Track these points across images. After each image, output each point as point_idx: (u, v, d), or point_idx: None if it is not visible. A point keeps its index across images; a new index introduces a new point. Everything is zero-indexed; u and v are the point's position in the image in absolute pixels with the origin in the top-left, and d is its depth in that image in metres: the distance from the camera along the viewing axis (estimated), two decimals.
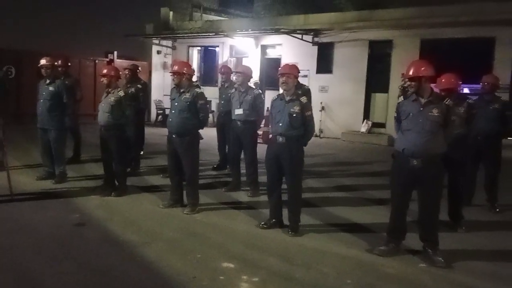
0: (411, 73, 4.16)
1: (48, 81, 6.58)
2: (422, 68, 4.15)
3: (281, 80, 4.85)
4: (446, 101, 4.21)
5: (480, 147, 5.90)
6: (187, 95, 5.47)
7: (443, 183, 4.52)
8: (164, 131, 5.71)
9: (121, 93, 6.05)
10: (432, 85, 4.37)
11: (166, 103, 16.40)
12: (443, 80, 5.16)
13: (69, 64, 8.41)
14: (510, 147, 6.78)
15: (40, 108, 6.55)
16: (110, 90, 6.06)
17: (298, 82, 7.00)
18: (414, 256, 4.38)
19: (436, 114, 4.12)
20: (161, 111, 16.05)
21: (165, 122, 5.89)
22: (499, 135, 6.04)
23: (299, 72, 6.96)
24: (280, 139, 4.84)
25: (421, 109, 4.16)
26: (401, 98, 4.51)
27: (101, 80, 6.10)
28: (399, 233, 4.42)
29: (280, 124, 4.83)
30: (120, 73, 6.52)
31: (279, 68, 4.99)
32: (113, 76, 6.07)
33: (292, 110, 4.79)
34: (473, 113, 5.25)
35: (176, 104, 5.52)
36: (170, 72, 5.62)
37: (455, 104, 4.90)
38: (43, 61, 6.56)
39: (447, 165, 4.69)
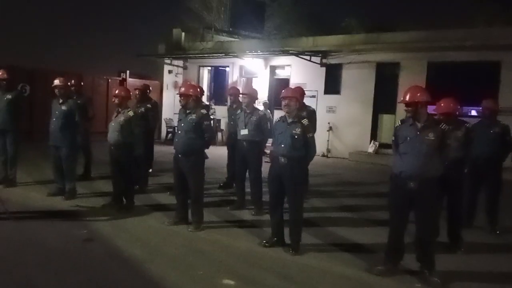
0: (407, 98, 4.33)
1: (61, 101, 6.84)
2: (418, 94, 4.31)
3: (283, 103, 5.03)
4: (442, 125, 4.34)
5: (481, 170, 5.99)
6: (193, 116, 5.66)
7: (440, 205, 4.62)
8: (173, 149, 5.90)
9: (131, 113, 6.27)
10: (431, 108, 4.52)
11: (176, 122, 16.74)
12: (442, 105, 5.29)
13: (82, 83, 8.70)
14: (510, 170, 6.84)
15: (53, 126, 6.80)
16: (120, 109, 6.29)
17: (304, 103, 7.21)
18: (411, 276, 4.45)
19: (432, 138, 4.25)
20: (171, 130, 16.32)
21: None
22: (499, 159, 6.13)
23: (304, 94, 7.17)
24: (282, 160, 4.99)
25: (418, 133, 4.30)
26: (398, 122, 4.65)
27: (113, 100, 6.33)
28: (397, 254, 4.51)
29: (282, 146, 4.99)
30: (131, 93, 6.76)
31: (282, 91, 5.16)
32: (124, 96, 6.31)
33: (294, 132, 4.95)
34: (471, 136, 5.37)
35: (182, 124, 5.72)
36: (178, 94, 5.82)
37: (453, 128, 5.07)
38: (56, 82, 6.83)
39: (446, 187, 4.82)
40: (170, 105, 16.99)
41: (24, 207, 6.34)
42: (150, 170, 8.60)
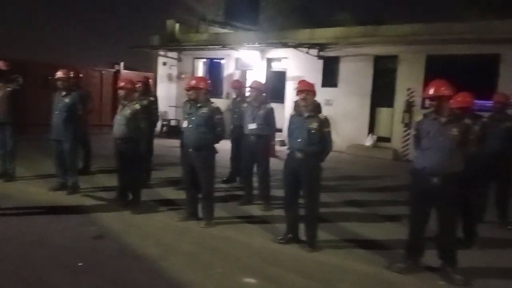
0: (431, 92, 4.24)
1: (64, 93, 6.63)
2: (442, 88, 4.23)
3: (300, 96, 4.92)
4: (465, 120, 4.28)
5: (492, 165, 5.95)
6: (205, 109, 5.52)
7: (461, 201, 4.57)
8: (170, 142, 5.76)
9: (137, 106, 6.10)
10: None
11: (171, 114, 16.51)
12: (458, 99, 5.21)
13: (81, 76, 8.47)
14: None
15: (56, 120, 6.59)
16: (126, 102, 6.11)
17: None
18: (433, 274, 4.40)
19: (456, 133, 4.18)
20: (166, 122, 16.09)
21: (170, 133, 5.78)
22: (510, 153, 6.10)
23: None
24: (298, 154, 4.89)
25: (441, 128, 4.23)
26: (421, 116, 4.54)
27: (118, 92, 6.15)
28: (417, 250, 4.45)
29: (299, 140, 4.89)
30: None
31: (298, 84, 5.04)
32: (130, 88, 6.13)
33: (310, 126, 4.85)
34: (486, 131, 5.32)
35: (193, 118, 5.56)
36: (187, 87, 5.65)
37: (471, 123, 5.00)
38: (59, 74, 6.62)
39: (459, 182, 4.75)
40: (165, 97, 16.71)
41: (27, 202, 6.16)
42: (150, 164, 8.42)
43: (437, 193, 4.24)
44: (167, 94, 16.80)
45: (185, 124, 5.73)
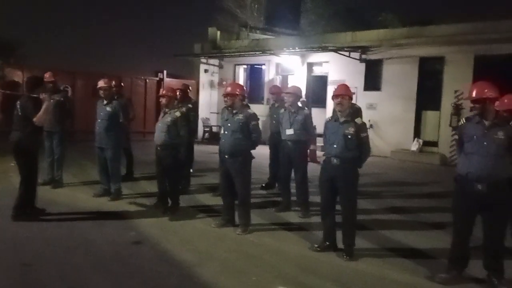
0: (474, 94, 4.04)
1: (105, 102, 6.83)
2: (486, 90, 4.01)
3: (335, 101, 4.81)
4: None
5: None
6: (240, 116, 5.51)
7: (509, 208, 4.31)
8: (211, 148, 5.79)
9: (178, 114, 6.18)
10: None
11: (213, 121, 16.70)
12: (505, 101, 4.95)
13: (122, 84, 8.70)
14: None
15: (98, 128, 6.80)
16: (167, 110, 6.21)
17: None
18: (478, 285, 4.18)
19: (502, 137, 3.95)
20: (208, 129, 16.30)
21: (211, 140, 5.82)
22: None
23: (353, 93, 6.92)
24: (335, 161, 4.78)
25: (486, 131, 4.01)
26: (463, 120, 4.34)
27: (160, 100, 6.27)
28: (462, 260, 4.23)
29: (335, 146, 4.78)
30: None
31: (334, 89, 4.94)
32: (171, 96, 6.23)
33: (347, 131, 4.74)
34: None
35: (229, 125, 5.57)
36: (223, 94, 5.68)
37: None
38: (101, 83, 6.81)
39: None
40: (206, 104, 16.97)
41: (71, 208, 6.36)
42: (191, 171, 8.52)
43: (483, 201, 4.01)
44: (209, 101, 17.03)
45: (222, 130, 5.76)
